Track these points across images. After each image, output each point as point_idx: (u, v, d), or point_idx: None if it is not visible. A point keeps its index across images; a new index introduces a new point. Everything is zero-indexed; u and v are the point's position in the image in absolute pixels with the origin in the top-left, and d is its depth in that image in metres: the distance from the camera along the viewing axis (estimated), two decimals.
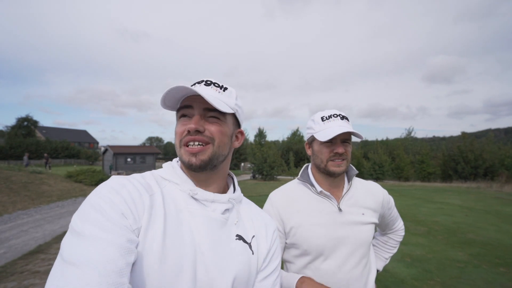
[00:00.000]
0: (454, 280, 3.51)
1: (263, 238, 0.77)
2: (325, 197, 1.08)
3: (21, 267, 4.10)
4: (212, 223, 0.67)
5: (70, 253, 0.49)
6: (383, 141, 32.68)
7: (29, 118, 41.94)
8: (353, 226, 1.05)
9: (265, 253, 0.75)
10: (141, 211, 0.59)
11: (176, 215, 0.64)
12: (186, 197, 0.68)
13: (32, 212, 8.47)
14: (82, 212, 0.55)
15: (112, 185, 0.60)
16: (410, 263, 4.08)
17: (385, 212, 1.19)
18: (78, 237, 0.51)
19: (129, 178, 0.65)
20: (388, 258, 1.32)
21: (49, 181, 12.97)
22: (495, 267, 3.92)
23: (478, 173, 20.30)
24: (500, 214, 7.70)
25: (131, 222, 0.56)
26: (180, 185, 0.69)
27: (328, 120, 1.06)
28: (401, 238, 1.32)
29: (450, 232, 5.89)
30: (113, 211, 0.55)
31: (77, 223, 0.53)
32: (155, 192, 0.64)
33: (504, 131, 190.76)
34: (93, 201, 0.56)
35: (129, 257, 0.52)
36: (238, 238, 0.71)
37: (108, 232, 0.52)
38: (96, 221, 0.52)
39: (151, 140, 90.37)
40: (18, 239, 5.66)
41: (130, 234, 0.54)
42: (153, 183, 0.67)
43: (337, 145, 1.04)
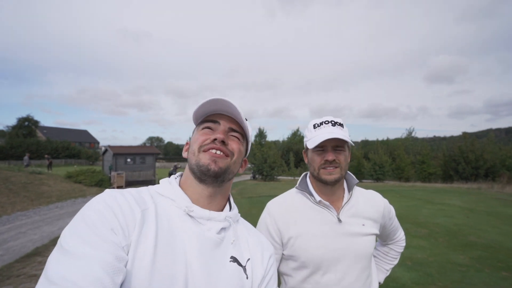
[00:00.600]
0: (456, 284, 3.46)
1: (259, 262, 0.73)
2: (324, 207, 1.04)
3: (17, 270, 4.06)
4: (206, 243, 0.64)
5: (54, 271, 0.47)
6: (383, 141, 32.62)
7: (30, 118, 42.00)
8: (353, 237, 1.01)
9: (259, 278, 0.71)
10: (132, 226, 0.57)
11: (169, 232, 0.61)
12: (181, 214, 0.65)
13: (31, 213, 8.44)
14: (71, 226, 0.54)
15: (104, 198, 0.59)
16: (411, 267, 4.03)
17: (386, 222, 1.15)
18: (64, 254, 0.49)
19: (123, 191, 0.63)
20: (389, 270, 1.28)
21: (48, 181, 12.95)
22: (498, 271, 3.87)
23: (479, 174, 20.24)
24: (502, 216, 7.64)
25: (121, 238, 0.54)
26: (176, 201, 0.66)
27: (319, 127, 1.04)
28: (402, 249, 1.29)
29: (451, 234, 5.84)
30: (103, 226, 0.53)
31: (66, 237, 0.51)
32: (148, 207, 0.62)
33: (505, 131, 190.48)
34: (84, 214, 0.55)
35: (116, 277, 0.49)
36: (232, 260, 0.67)
37: (96, 249, 0.49)
38: (85, 237, 0.51)
39: (152, 140, 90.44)
40: (16, 241, 5.63)
41: (118, 251, 0.52)
42: (147, 197, 0.65)
43: (327, 152, 1.01)
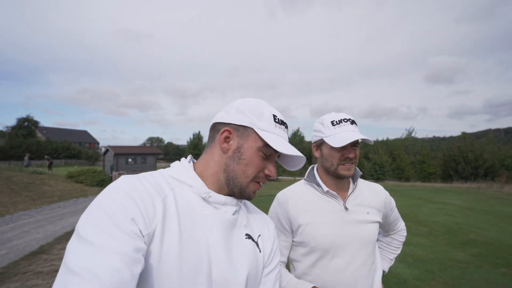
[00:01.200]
0: (456, 280, 3.52)
1: (267, 236, 0.80)
2: (331, 196, 1.10)
3: (23, 267, 4.11)
4: (225, 224, 0.68)
5: (74, 260, 0.47)
6: (383, 141, 32.70)
7: (29, 119, 42.00)
8: (359, 224, 1.08)
9: (269, 250, 0.79)
10: (152, 215, 0.58)
11: (190, 218, 0.64)
12: (199, 199, 0.67)
13: (34, 212, 8.48)
14: (90, 215, 0.53)
15: (122, 187, 0.58)
16: (412, 264, 4.09)
17: (388, 212, 1.21)
18: (83, 243, 0.49)
19: (140, 178, 0.63)
20: (393, 259, 1.34)
21: (50, 181, 12.99)
22: (497, 267, 3.93)
23: (478, 174, 20.30)
24: (501, 215, 7.71)
25: (142, 227, 0.55)
26: (194, 187, 0.67)
27: (339, 124, 1.06)
28: (404, 239, 1.35)
29: (451, 232, 5.90)
30: (123, 216, 0.53)
31: (84, 227, 0.51)
32: (167, 194, 0.63)
33: (504, 131, 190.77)
34: (103, 203, 0.54)
35: (135, 268, 0.50)
36: (247, 237, 0.73)
37: (115, 240, 0.50)
38: (104, 227, 0.51)
39: (152, 141, 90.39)
40: (20, 239, 5.68)
41: (138, 242, 0.52)
42: (164, 184, 0.65)
43: (348, 150, 1.05)
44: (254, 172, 0.69)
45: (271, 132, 0.70)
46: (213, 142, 0.73)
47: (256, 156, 0.69)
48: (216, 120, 0.74)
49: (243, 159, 0.69)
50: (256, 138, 0.69)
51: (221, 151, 0.71)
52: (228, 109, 0.74)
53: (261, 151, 0.69)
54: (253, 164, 0.69)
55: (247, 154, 0.69)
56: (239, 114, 0.71)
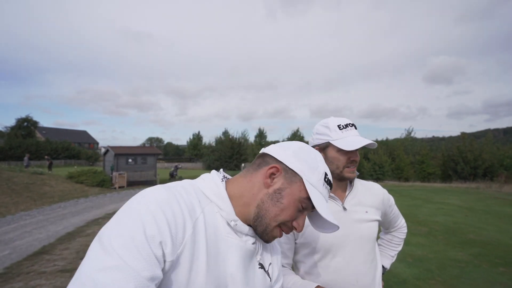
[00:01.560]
0: (455, 279, 3.57)
1: (276, 264, 0.82)
2: (330, 198, 1.14)
3: (26, 268, 4.14)
4: (246, 254, 0.68)
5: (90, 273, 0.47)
6: (383, 142, 32.79)
7: (29, 119, 41.97)
8: (358, 223, 1.12)
9: (276, 276, 0.80)
10: (181, 239, 0.56)
11: (215, 244, 0.63)
12: (225, 224, 0.66)
13: (35, 213, 8.50)
14: (121, 225, 0.53)
15: (159, 203, 0.56)
16: (411, 263, 4.13)
17: (387, 209, 1.25)
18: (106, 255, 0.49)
19: (175, 193, 0.60)
20: (395, 256, 1.38)
21: (50, 182, 13.00)
22: (496, 266, 3.98)
23: (477, 174, 20.37)
24: (500, 214, 7.76)
25: (168, 252, 0.53)
26: (223, 211, 0.66)
27: (346, 129, 1.12)
28: (405, 235, 1.39)
29: (450, 232, 5.95)
30: (152, 238, 0.51)
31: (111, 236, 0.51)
32: (198, 216, 0.61)
33: (503, 131, 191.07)
34: (135, 218, 0.53)
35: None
36: (260, 267, 0.74)
37: (138, 261, 0.49)
38: (129, 244, 0.50)
39: (151, 141, 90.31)
40: (22, 240, 5.70)
41: (157, 270, 0.51)
42: (195, 202, 0.63)
43: (354, 153, 1.11)
44: (285, 219, 0.67)
45: (317, 189, 0.69)
46: (257, 171, 0.70)
47: (294, 205, 0.67)
48: (269, 152, 0.72)
49: (281, 203, 0.66)
50: (301, 188, 0.67)
51: (262, 185, 0.68)
52: (286, 147, 0.72)
53: (301, 202, 0.67)
54: (288, 211, 0.67)
55: (286, 199, 0.66)
56: (294, 158, 0.69)
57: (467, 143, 21.94)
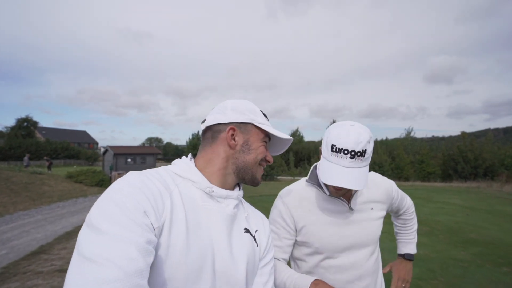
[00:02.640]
0: (458, 279, 3.52)
1: (262, 232, 0.86)
2: (335, 197, 1.08)
3: (24, 267, 4.09)
4: (227, 218, 0.73)
5: (90, 249, 0.48)
6: (382, 141, 32.80)
7: (28, 119, 41.96)
8: (363, 223, 1.07)
9: (264, 244, 0.85)
10: (162, 209, 0.61)
11: (194, 212, 0.67)
12: (202, 194, 0.72)
13: (33, 212, 8.45)
14: (103, 208, 0.55)
15: (133, 182, 0.61)
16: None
17: (394, 197, 1.20)
18: (99, 234, 0.50)
19: (147, 175, 0.65)
20: (415, 237, 1.33)
21: (49, 181, 12.96)
22: (499, 266, 3.93)
23: (478, 173, 20.33)
24: (502, 214, 7.71)
25: (153, 220, 0.57)
26: (197, 183, 0.72)
27: (337, 154, 0.93)
28: (414, 212, 1.34)
29: (452, 231, 5.90)
30: (136, 210, 0.55)
31: (98, 218, 0.52)
32: (173, 189, 0.67)
33: (503, 131, 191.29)
34: (115, 198, 0.56)
35: (149, 258, 0.52)
36: (246, 231, 0.79)
37: (131, 231, 0.51)
38: (118, 219, 0.52)
39: (151, 141, 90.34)
40: (20, 239, 5.66)
41: (150, 235, 0.55)
42: (169, 180, 0.68)
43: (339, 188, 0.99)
44: (262, 157, 0.81)
45: (265, 124, 0.82)
46: (215, 141, 0.78)
47: (261, 144, 0.81)
48: (213, 122, 0.79)
49: (252, 149, 0.79)
50: (257, 131, 0.81)
51: (227, 148, 0.77)
52: (222, 110, 0.81)
53: (264, 140, 0.82)
54: (260, 151, 0.80)
55: (254, 144, 0.80)
56: (237, 114, 0.79)
57: (467, 143, 21.89)
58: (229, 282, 0.68)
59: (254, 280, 0.79)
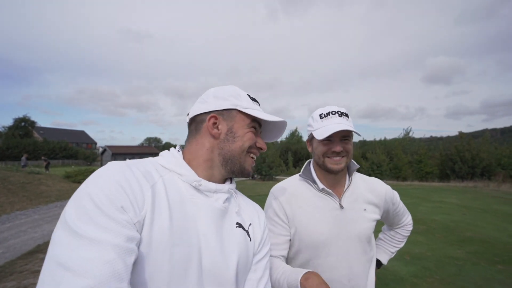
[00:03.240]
0: (453, 277, 3.54)
1: (257, 226, 0.82)
2: (326, 194, 1.08)
3: (20, 266, 4.08)
4: (216, 212, 0.69)
5: (63, 254, 0.46)
6: (381, 141, 32.76)
7: (26, 119, 41.77)
8: (354, 222, 1.06)
9: (259, 238, 0.80)
10: (141, 202, 0.57)
11: (180, 206, 0.63)
12: (189, 188, 0.68)
13: (31, 212, 8.42)
14: (78, 204, 0.51)
15: (110, 173, 0.57)
16: (409, 261, 4.11)
17: (389, 207, 1.18)
18: (72, 236, 0.47)
19: (129, 164, 0.62)
20: (395, 252, 1.32)
21: (47, 181, 12.90)
22: (493, 264, 3.96)
23: (475, 173, 20.40)
24: (498, 213, 7.75)
25: (132, 215, 0.54)
26: (183, 175, 0.68)
27: (326, 117, 1.04)
28: (409, 233, 1.31)
29: (448, 230, 5.93)
30: (112, 205, 0.52)
31: (72, 217, 0.49)
32: (156, 181, 0.63)
33: (501, 131, 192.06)
34: (91, 191, 0.52)
35: (128, 258, 0.50)
36: (238, 226, 0.74)
37: (106, 230, 0.49)
38: (94, 216, 0.49)
39: (150, 141, 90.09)
40: (17, 239, 5.63)
41: (130, 231, 0.52)
42: (153, 171, 0.65)
43: (335, 143, 1.03)
44: (249, 144, 0.74)
45: (252, 108, 0.76)
46: (199, 132, 0.74)
47: (248, 130, 0.75)
48: (195, 113, 0.75)
49: (238, 137, 0.73)
50: (242, 116, 0.74)
51: (211, 138, 0.73)
52: (204, 100, 0.76)
53: (251, 126, 0.75)
54: (247, 137, 0.74)
55: (240, 132, 0.74)
56: (219, 100, 0.74)
57: (464, 143, 21.95)
58: (217, 279, 0.65)
59: (248, 276, 0.75)
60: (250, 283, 0.74)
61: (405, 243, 1.33)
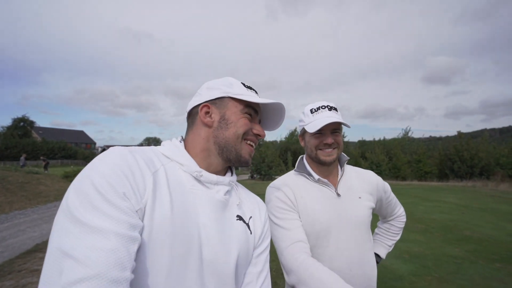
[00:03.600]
0: (451, 275, 3.55)
1: (258, 219, 0.81)
2: (323, 184, 1.12)
3: (18, 265, 4.07)
4: (217, 204, 0.69)
5: (66, 242, 0.45)
6: (380, 141, 32.83)
7: (25, 119, 41.65)
8: (351, 209, 1.09)
9: (260, 231, 0.80)
10: (143, 189, 0.56)
11: (181, 195, 0.63)
12: (190, 178, 0.67)
13: (29, 212, 8.41)
14: (80, 191, 0.50)
15: (112, 159, 0.56)
16: (408, 260, 4.11)
17: (382, 196, 1.22)
18: (75, 223, 0.47)
19: (131, 150, 0.61)
20: (392, 246, 1.35)
21: (46, 181, 12.88)
22: (491, 262, 3.97)
23: (474, 172, 20.47)
24: (496, 212, 7.77)
25: (134, 202, 0.53)
26: (185, 166, 0.67)
27: (317, 111, 1.10)
28: (403, 224, 1.35)
29: (447, 229, 5.94)
30: (114, 192, 0.51)
31: (75, 204, 0.49)
32: (158, 168, 0.62)
33: (499, 131, 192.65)
34: (92, 178, 0.51)
35: (132, 247, 0.49)
36: (238, 219, 0.74)
37: (109, 218, 0.48)
38: (96, 203, 0.49)
39: (149, 141, 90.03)
40: (16, 238, 5.62)
41: (133, 219, 0.51)
42: (155, 159, 0.64)
43: (326, 135, 1.08)
44: (244, 130, 0.73)
45: (244, 94, 0.75)
46: (194, 124, 0.75)
47: (242, 116, 0.73)
48: (191, 107, 0.76)
49: (231, 123, 0.72)
50: (235, 103, 0.73)
51: (205, 127, 0.73)
52: (198, 93, 0.78)
53: (245, 112, 0.74)
54: (241, 123, 0.73)
55: (233, 118, 0.73)
56: (211, 91, 0.75)
57: (463, 142, 22.03)
58: (217, 271, 0.64)
59: (248, 269, 0.75)
60: (250, 276, 0.74)
61: (400, 235, 1.36)
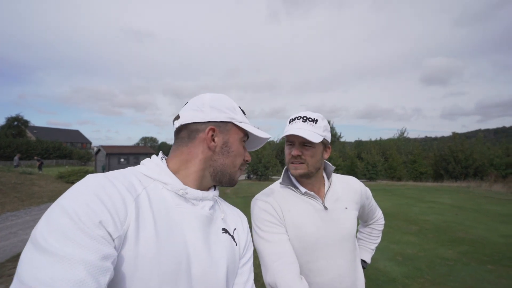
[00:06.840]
0: (444, 278, 3.58)
1: (241, 230, 0.83)
2: (310, 197, 1.09)
3: (9, 269, 4.01)
4: (203, 220, 0.69)
5: (29, 273, 0.43)
6: (376, 142, 33.01)
7: (19, 118, 41.16)
8: (339, 222, 1.08)
9: (243, 242, 0.82)
10: (124, 216, 0.55)
11: (166, 216, 0.62)
12: (174, 196, 0.67)
13: (22, 213, 8.29)
14: (51, 220, 0.48)
15: (88, 186, 0.54)
16: (401, 262, 4.14)
17: (364, 202, 1.23)
18: (41, 253, 0.44)
19: (109, 177, 0.59)
20: (374, 249, 1.38)
21: (39, 182, 12.73)
22: (484, 264, 4.01)
23: (468, 173, 20.68)
24: (489, 213, 7.86)
25: (111, 230, 0.51)
26: (169, 184, 0.66)
27: (293, 122, 1.07)
28: (382, 227, 1.39)
29: (441, 230, 6.00)
30: (89, 219, 0.49)
31: (43, 233, 0.46)
32: (140, 193, 0.61)
33: (494, 132, 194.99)
34: (66, 205, 0.49)
35: (102, 278, 0.46)
36: (224, 232, 0.76)
37: (80, 247, 0.46)
38: (66, 232, 0.46)
39: (145, 140, 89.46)
40: (7, 241, 5.54)
41: (106, 248, 0.49)
42: (136, 182, 0.63)
43: (295, 148, 1.05)
44: (240, 161, 0.77)
45: (244, 122, 0.78)
46: (192, 141, 0.72)
47: (240, 146, 0.77)
48: (190, 121, 0.72)
49: (232, 152, 0.75)
50: (237, 130, 0.76)
51: (206, 149, 0.72)
52: (199, 107, 0.74)
53: (243, 140, 0.78)
54: (239, 154, 0.76)
55: (234, 146, 0.75)
56: (216, 112, 0.74)
57: (458, 143, 22.24)
58: (208, 285, 0.65)
59: (235, 280, 0.76)
60: (237, 287, 0.75)
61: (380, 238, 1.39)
